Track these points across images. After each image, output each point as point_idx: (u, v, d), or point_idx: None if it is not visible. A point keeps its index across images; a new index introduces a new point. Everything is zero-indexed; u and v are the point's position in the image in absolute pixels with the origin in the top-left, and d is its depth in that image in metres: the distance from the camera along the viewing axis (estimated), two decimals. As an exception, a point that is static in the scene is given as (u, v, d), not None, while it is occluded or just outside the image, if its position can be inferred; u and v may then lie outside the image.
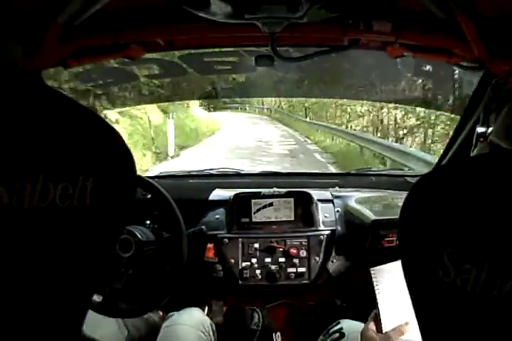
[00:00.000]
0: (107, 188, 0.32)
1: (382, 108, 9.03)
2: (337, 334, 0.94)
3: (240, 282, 1.26)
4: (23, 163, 0.26)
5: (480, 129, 1.03)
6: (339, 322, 1.00)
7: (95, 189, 0.30)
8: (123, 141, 0.34)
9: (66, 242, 0.30)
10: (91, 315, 0.96)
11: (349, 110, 11.36)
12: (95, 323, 1.03)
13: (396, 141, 8.20)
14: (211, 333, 1.12)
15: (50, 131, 0.28)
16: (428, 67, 1.33)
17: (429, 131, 7.93)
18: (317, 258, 1.28)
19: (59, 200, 0.28)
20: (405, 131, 8.70)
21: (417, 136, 8.54)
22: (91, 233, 0.32)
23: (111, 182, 0.32)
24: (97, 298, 1.00)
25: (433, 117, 7.51)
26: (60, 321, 0.31)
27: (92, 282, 0.34)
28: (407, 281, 0.36)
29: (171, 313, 1.15)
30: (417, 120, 8.30)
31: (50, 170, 0.28)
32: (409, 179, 1.56)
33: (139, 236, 1.04)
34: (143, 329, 1.19)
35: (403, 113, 8.55)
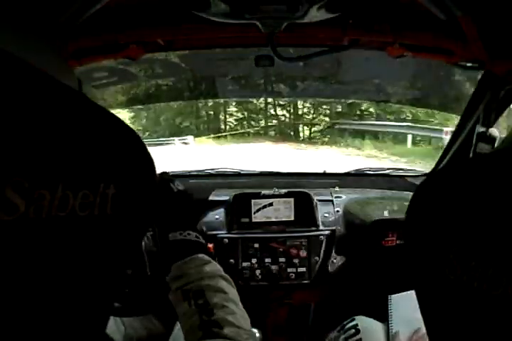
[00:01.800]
0: (128, 195, 0.31)
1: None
2: (352, 330, 0.95)
3: (239, 282, 1.26)
4: (41, 169, 0.25)
5: (480, 129, 1.03)
6: (354, 319, 1.01)
7: (116, 196, 0.29)
8: (143, 144, 0.33)
9: (87, 253, 0.29)
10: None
11: None
12: None
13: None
14: None
15: (69, 135, 0.27)
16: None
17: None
18: (317, 258, 1.28)
19: (79, 209, 0.27)
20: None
21: None
22: (112, 242, 0.31)
23: (132, 189, 0.31)
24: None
25: None
26: (84, 332, 0.31)
27: (114, 290, 0.33)
28: (412, 279, 0.36)
29: None
30: None
31: (70, 177, 0.26)
32: (409, 179, 1.56)
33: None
34: (139, 329, 1.19)
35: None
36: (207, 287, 0.61)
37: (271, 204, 1.33)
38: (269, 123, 9.20)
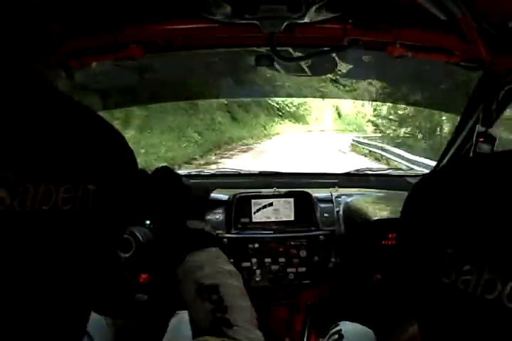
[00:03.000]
0: (109, 190, 0.31)
1: None
2: (336, 336, 0.94)
3: None
4: (26, 164, 0.26)
5: (480, 129, 1.03)
6: (338, 324, 1.00)
7: (98, 191, 0.30)
8: (125, 142, 0.34)
9: (69, 245, 0.29)
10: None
11: None
12: None
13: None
14: None
15: (53, 131, 0.28)
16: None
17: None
18: (317, 258, 1.28)
19: (62, 203, 0.28)
20: None
21: None
22: (94, 235, 0.31)
23: (114, 184, 0.32)
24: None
25: None
26: (64, 325, 0.31)
27: (95, 284, 0.33)
28: (406, 283, 0.36)
29: (179, 311, 1.15)
30: None
31: (53, 172, 0.27)
32: (409, 179, 1.56)
33: (140, 237, 1.04)
34: (131, 330, 1.18)
35: None
36: (222, 283, 0.60)
37: (271, 204, 1.33)
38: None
